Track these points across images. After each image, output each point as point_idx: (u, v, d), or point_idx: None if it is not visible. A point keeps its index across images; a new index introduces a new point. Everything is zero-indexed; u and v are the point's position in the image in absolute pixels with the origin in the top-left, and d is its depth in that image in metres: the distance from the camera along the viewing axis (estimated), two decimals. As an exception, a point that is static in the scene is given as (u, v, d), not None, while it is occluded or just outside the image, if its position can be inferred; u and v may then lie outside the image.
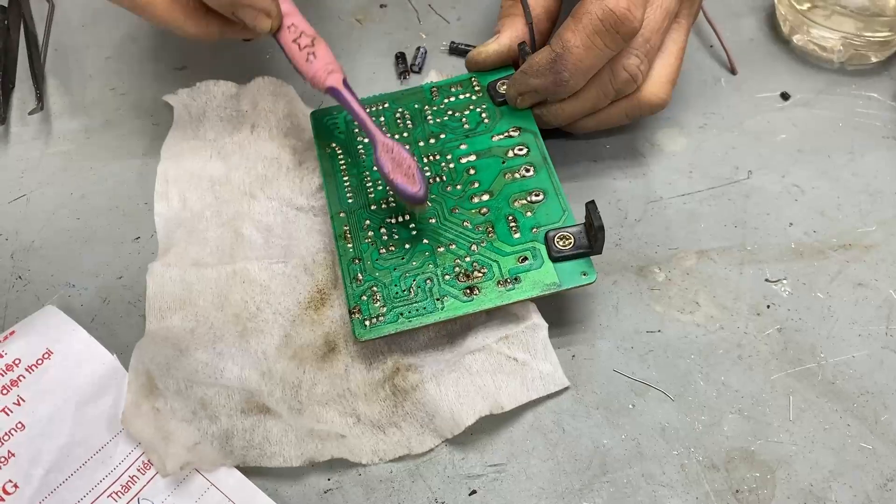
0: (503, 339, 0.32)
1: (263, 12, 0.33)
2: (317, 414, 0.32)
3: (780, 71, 0.42)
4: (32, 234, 0.37)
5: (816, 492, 0.30)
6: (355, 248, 0.34)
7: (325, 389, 0.32)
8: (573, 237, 0.32)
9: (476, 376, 0.32)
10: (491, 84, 0.38)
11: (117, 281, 0.36)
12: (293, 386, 0.32)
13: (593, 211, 0.31)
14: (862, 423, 0.32)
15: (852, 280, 0.35)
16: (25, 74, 0.43)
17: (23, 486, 0.29)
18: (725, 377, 0.33)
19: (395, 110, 0.38)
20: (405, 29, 0.45)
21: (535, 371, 0.32)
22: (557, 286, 0.32)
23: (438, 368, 0.32)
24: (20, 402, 0.31)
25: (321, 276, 0.35)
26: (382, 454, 0.31)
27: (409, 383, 0.32)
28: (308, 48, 0.34)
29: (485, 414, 0.31)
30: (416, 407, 0.31)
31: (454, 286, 0.32)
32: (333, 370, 0.33)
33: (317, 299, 0.34)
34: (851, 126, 0.40)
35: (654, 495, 0.30)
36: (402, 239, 0.34)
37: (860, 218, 0.37)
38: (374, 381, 0.32)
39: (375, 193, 0.35)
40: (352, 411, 0.32)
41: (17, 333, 0.32)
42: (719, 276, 0.35)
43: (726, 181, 0.38)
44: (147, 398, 0.31)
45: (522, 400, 0.32)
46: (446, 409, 0.31)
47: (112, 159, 0.40)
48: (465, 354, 0.32)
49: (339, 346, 0.33)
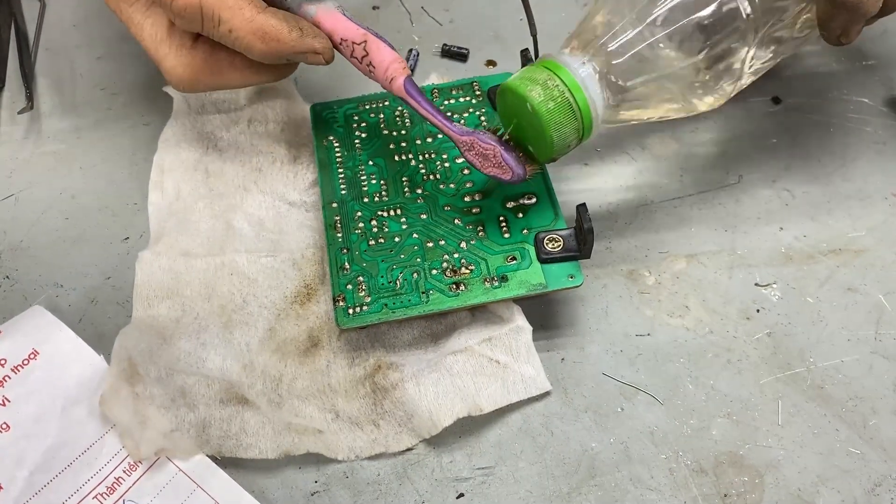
0: (486, 340, 0.32)
1: (310, 52, 0.33)
2: (296, 408, 0.32)
3: (770, 74, 0.42)
4: (21, 234, 0.37)
5: (805, 496, 0.30)
6: (344, 238, 0.34)
7: (305, 384, 0.32)
8: (563, 240, 0.32)
9: (456, 377, 0.32)
10: (491, 89, 0.38)
11: (106, 281, 0.36)
12: (274, 379, 0.32)
13: (584, 213, 0.31)
14: (850, 428, 0.31)
15: (842, 285, 0.35)
16: (15, 73, 0.42)
17: (7, 487, 0.29)
18: (714, 381, 0.33)
19: (395, 108, 0.38)
20: (397, 31, 0.45)
21: (517, 374, 0.32)
22: (543, 287, 0.32)
23: (419, 368, 0.32)
24: (5, 402, 0.31)
25: (309, 272, 0.35)
26: (359, 451, 0.31)
27: (390, 381, 0.32)
28: (364, 58, 0.33)
29: (463, 416, 0.31)
30: (395, 406, 0.31)
31: (441, 280, 0.32)
32: (315, 365, 0.33)
33: (303, 294, 0.34)
34: (843, 131, 0.40)
35: (642, 499, 0.30)
36: (393, 232, 0.34)
37: (851, 223, 0.37)
38: (355, 378, 0.32)
39: (369, 186, 0.35)
40: (331, 407, 0.32)
41: (4, 333, 0.32)
42: (709, 279, 0.35)
43: (717, 185, 0.38)
44: (127, 382, 0.31)
45: (502, 403, 0.32)
46: (424, 409, 0.31)
47: (102, 159, 0.40)
48: (446, 355, 0.32)
49: (322, 341, 0.33)
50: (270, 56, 0.32)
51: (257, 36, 0.32)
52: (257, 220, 0.36)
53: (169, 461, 0.31)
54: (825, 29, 0.33)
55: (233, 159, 0.38)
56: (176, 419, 0.31)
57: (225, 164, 0.38)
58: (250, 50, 0.32)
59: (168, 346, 0.32)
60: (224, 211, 0.36)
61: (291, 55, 0.33)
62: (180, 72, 0.34)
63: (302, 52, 0.33)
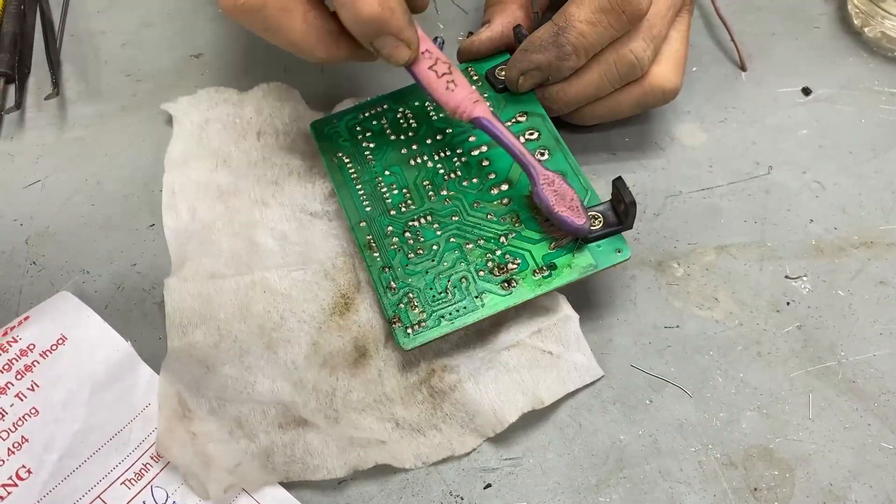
0: (536, 332, 0.32)
1: (405, 43, 0.31)
2: (354, 421, 0.31)
3: (800, 65, 0.42)
4: (47, 220, 0.37)
5: (836, 491, 0.30)
6: (382, 257, 0.33)
7: (360, 396, 0.32)
8: (602, 216, 0.32)
9: (514, 372, 0.31)
10: (489, 71, 0.37)
11: (131, 268, 0.36)
12: (327, 394, 0.32)
13: (622, 187, 0.31)
14: (883, 422, 0.31)
15: (874, 278, 0.35)
16: (41, 60, 0.42)
17: (36, 472, 0.29)
18: (744, 374, 0.32)
19: (396, 111, 0.37)
20: (422, 18, 0.44)
21: (570, 363, 0.32)
22: (594, 267, 0.31)
23: (475, 367, 0.32)
24: (34, 387, 0.31)
25: (343, 281, 0.34)
26: (425, 458, 0.31)
27: (447, 384, 0.31)
28: (447, 76, 0.32)
29: (527, 410, 0.31)
30: (456, 407, 0.31)
31: (491, 281, 0.32)
32: (367, 376, 0.32)
33: (341, 304, 0.34)
34: (874, 122, 0.40)
35: (670, 492, 0.30)
36: (429, 241, 0.33)
37: (882, 215, 0.37)
38: (410, 385, 0.32)
39: (392, 198, 0.34)
40: (390, 416, 0.31)
41: (32, 319, 0.32)
42: (739, 271, 0.35)
43: (746, 176, 0.38)
44: (181, 422, 0.30)
45: (561, 393, 0.31)
46: (488, 408, 0.31)
47: (127, 146, 0.40)
48: (499, 351, 0.32)
49: (369, 350, 0.33)
50: (374, 24, 0.30)
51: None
52: (281, 234, 0.35)
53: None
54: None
55: (246, 174, 0.37)
56: (238, 452, 0.30)
57: (238, 180, 0.37)
58: (359, 6, 0.29)
59: (213, 374, 0.32)
60: (244, 227, 0.35)
61: (389, 34, 0.30)
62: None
63: (400, 37, 0.30)
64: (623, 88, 0.36)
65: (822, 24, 0.44)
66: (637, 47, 0.34)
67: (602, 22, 0.33)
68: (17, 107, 0.40)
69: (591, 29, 0.33)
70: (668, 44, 0.36)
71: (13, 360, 0.31)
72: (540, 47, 0.34)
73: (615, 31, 0.33)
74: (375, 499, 0.30)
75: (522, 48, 0.35)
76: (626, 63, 0.34)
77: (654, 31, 0.34)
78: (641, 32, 0.34)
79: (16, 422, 0.30)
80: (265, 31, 0.31)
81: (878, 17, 0.42)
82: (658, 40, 0.35)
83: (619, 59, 0.34)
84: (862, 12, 0.42)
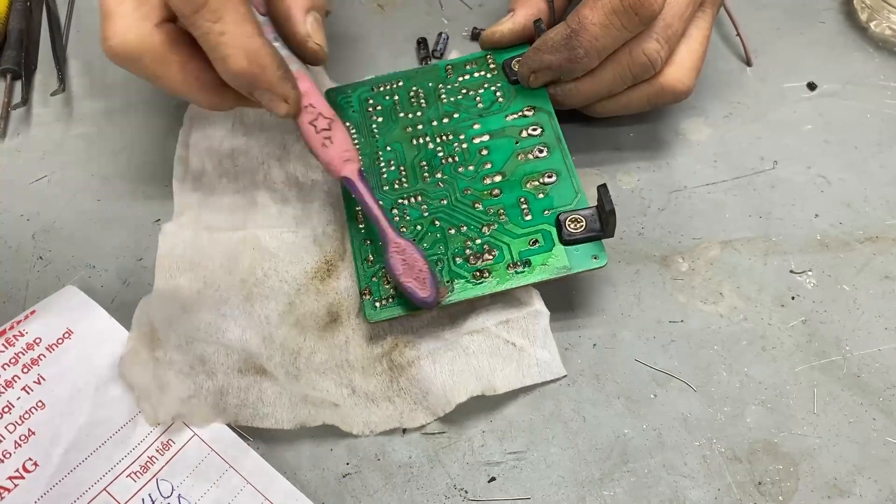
0: (503, 322, 0.32)
1: (279, 98, 0.31)
2: (313, 381, 0.32)
3: (805, 60, 0.42)
4: (53, 215, 0.37)
5: (840, 485, 0.30)
6: (367, 230, 0.34)
7: (323, 358, 0.33)
8: (584, 220, 0.32)
9: (472, 357, 0.32)
10: (506, 62, 0.37)
11: (137, 263, 0.36)
12: (293, 352, 0.33)
13: (604, 194, 0.31)
14: (888, 417, 0.31)
15: (879, 273, 0.35)
16: (47, 56, 0.43)
17: (43, 465, 0.29)
18: (749, 368, 0.32)
19: (409, 88, 0.38)
20: (427, 14, 0.45)
21: (533, 357, 0.32)
22: (568, 269, 0.31)
23: (436, 346, 0.32)
24: (40, 380, 0.31)
25: (330, 248, 0.35)
26: (374, 426, 0.31)
27: (406, 359, 0.32)
28: (325, 132, 0.32)
29: (477, 394, 0.31)
30: (411, 383, 0.32)
31: (464, 269, 0.32)
32: (334, 341, 0.33)
33: (323, 270, 0.35)
34: (879, 117, 0.40)
35: (675, 486, 0.30)
36: (414, 220, 0.34)
37: (888, 210, 0.36)
38: (373, 356, 0.33)
39: (388, 174, 0.35)
40: (348, 382, 0.32)
41: (38, 313, 0.32)
42: (743, 266, 0.35)
43: (751, 171, 0.38)
44: (147, 346, 0.32)
45: (516, 385, 0.32)
46: (439, 387, 0.31)
47: (133, 141, 0.40)
48: (463, 335, 0.32)
49: (341, 317, 0.34)
50: (244, 79, 0.30)
51: (246, 53, 0.29)
52: (281, 197, 0.37)
53: (203, 443, 0.31)
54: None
55: (258, 136, 0.38)
56: (194, 386, 0.31)
57: (250, 141, 0.38)
58: (227, 63, 0.30)
59: (189, 316, 0.33)
60: (247, 187, 0.37)
61: (263, 90, 0.31)
62: (129, 38, 0.30)
63: (274, 93, 0.31)
64: (636, 87, 0.36)
65: (828, 18, 0.43)
66: (650, 48, 0.34)
67: (615, 24, 0.33)
68: (23, 103, 0.40)
69: (604, 31, 0.33)
70: (687, 42, 0.36)
71: (20, 353, 0.31)
72: (552, 49, 0.34)
73: (628, 33, 0.33)
74: (380, 492, 0.30)
75: (535, 47, 0.35)
76: (640, 64, 0.34)
77: (669, 32, 0.34)
78: (656, 32, 0.34)
79: (22, 415, 0.30)
80: (147, 79, 0.32)
81: (885, 12, 0.42)
82: (674, 40, 0.35)
83: (632, 60, 0.34)
84: (868, 7, 0.42)
